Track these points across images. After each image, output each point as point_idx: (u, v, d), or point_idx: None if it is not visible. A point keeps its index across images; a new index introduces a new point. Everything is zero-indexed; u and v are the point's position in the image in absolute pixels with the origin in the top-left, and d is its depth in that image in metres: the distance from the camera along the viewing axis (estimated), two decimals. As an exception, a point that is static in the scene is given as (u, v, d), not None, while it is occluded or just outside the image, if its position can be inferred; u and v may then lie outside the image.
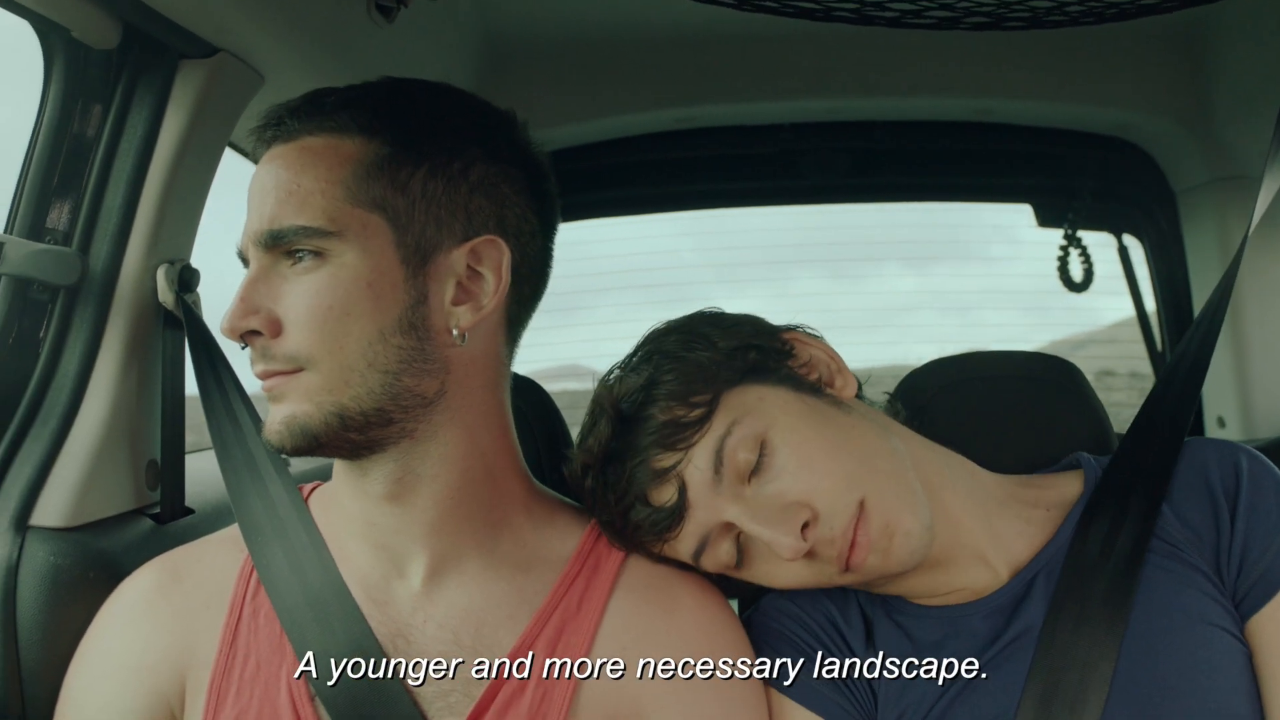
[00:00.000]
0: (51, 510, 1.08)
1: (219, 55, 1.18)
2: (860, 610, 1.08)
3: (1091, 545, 1.02)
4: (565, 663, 0.95)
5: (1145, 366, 2.44)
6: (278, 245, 0.91)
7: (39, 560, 1.04)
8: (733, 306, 1.12)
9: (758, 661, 1.02)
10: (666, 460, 0.98)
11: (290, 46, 1.26)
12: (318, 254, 0.91)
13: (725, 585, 1.08)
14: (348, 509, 1.00)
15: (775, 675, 1.03)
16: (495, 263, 0.95)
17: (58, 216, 1.16)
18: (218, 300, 1.25)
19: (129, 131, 1.17)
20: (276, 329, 0.91)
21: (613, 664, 0.96)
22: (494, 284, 0.95)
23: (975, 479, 1.10)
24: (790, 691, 1.02)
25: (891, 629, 1.06)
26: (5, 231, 1.13)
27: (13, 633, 1.02)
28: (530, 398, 1.34)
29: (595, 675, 0.95)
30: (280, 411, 0.93)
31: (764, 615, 1.08)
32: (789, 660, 1.03)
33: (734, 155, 2.10)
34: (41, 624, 1.03)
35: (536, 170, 1.01)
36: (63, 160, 1.15)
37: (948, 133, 2.07)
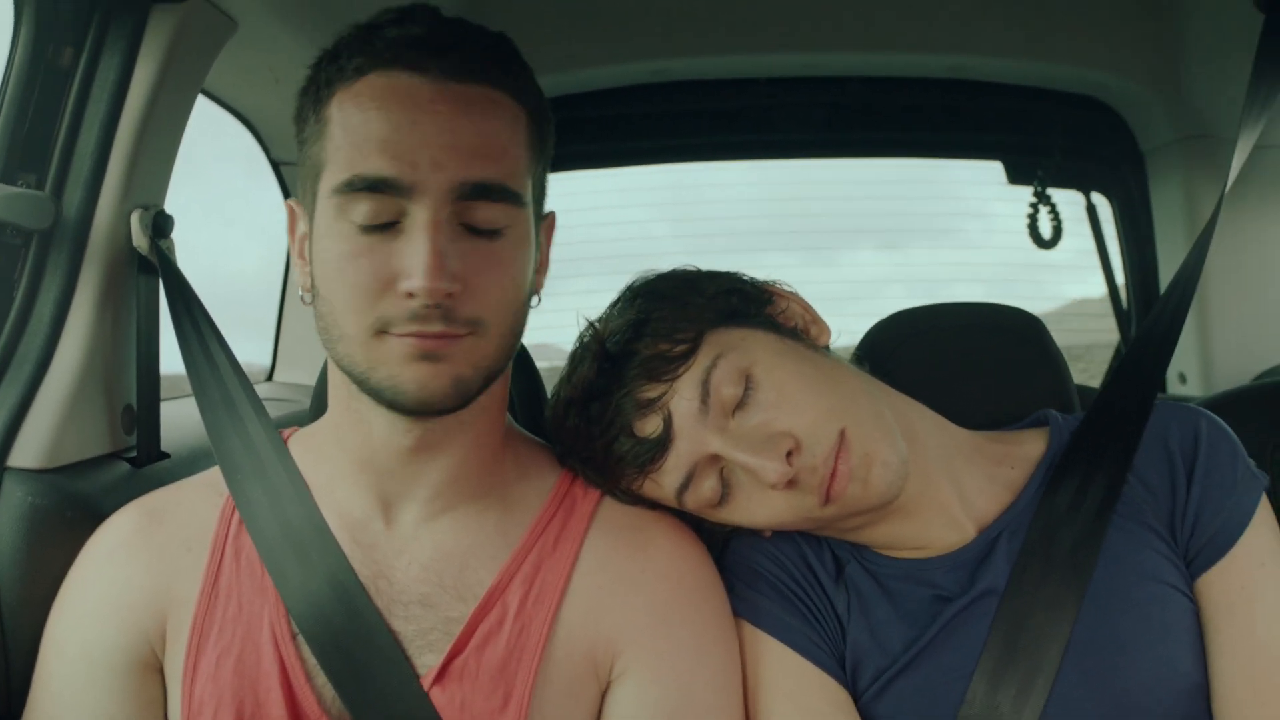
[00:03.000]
0: (28, 452, 1.09)
1: (190, 0, 1.18)
2: (832, 553, 1.11)
3: (1059, 505, 1.05)
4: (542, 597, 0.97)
5: (1107, 340, 2.49)
6: (478, 198, 0.87)
7: (16, 500, 1.05)
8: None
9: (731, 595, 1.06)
10: (652, 391, 1.00)
11: (262, -9, 1.25)
12: (505, 219, 0.90)
13: (696, 531, 1.11)
14: (351, 451, 1.00)
15: (748, 609, 1.06)
16: (550, 228, 1.03)
17: (30, 160, 1.16)
18: (189, 246, 1.26)
19: (101, 76, 1.17)
20: (463, 290, 0.88)
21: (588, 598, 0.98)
22: (548, 248, 1.02)
23: (944, 432, 1.13)
24: (762, 624, 1.05)
25: (860, 572, 1.09)
26: (-23, 175, 1.13)
27: None
28: None
29: (572, 610, 0.98)
30: (444, 372, 0.89)
31: (736, 553, 1.11)
32: (763, 595, 1.06)
33: (708, 109, 2.10)
34: (20, 563, 1.04)
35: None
36: (34, 104, 1.15)
37: (921, 89, 2.09)
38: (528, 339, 1.46)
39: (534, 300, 0.99)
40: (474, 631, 0.95)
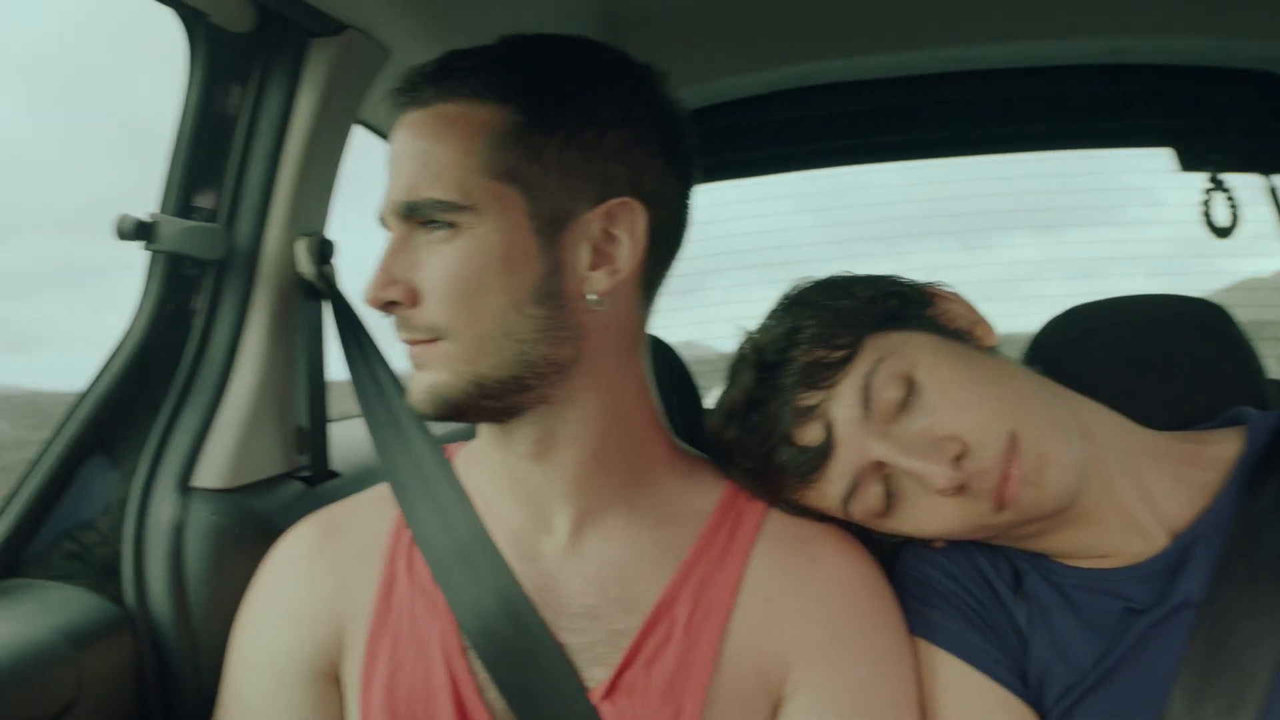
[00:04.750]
0: (210, 473, 1.14)
1: (347, 32, 1.22)
2: (1009, 562, 1.06)
3: (1262, 508, 0.97)
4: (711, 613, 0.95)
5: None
6: (414, 216, 0.92)
7: (202, 519, 1.11)
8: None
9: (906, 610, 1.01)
10: (811, 398, 0.97)
11: (414, 20, 1.28)
12: (452, 225, 0.91)
13: (865, 543, 1.07)
14: (494, 466, 1.02)
15: (923, 625, 1.01)
16: (630, 225, 0.93)
17: (204, 195, 1.22)
18: (357, 270, 1.30)
19: (266, 110, 1.22)
20: (415, 299, 0.92)
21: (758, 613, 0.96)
22: (630, 247, 0.93)
23: (1125, 433, 1.06)
24: (941, 641, 1.00)
25: (1040, 582, 1.03)
26: (159, 211, 1.19)
27: (181, 586, 1.08)
28: (662, 358, 1.35)
29: (741, 624, 0.95)
30: (423, 380, 0.94)
31: (908, 566, 1.06)
32: (937, 609, 1.02)
33: (854, 111, 2.05)
34: (207, 578, 1.09)
35: (674, 129, 0.98)
36: (206, 141, 1.21)
37: (1078, 76, 1.98)
38: (674, 337, 1.45)
39: (591, 298, 0.93)
40: (642, 646, 0.94)
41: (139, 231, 1.13)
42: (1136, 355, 1.22)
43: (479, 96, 0.92)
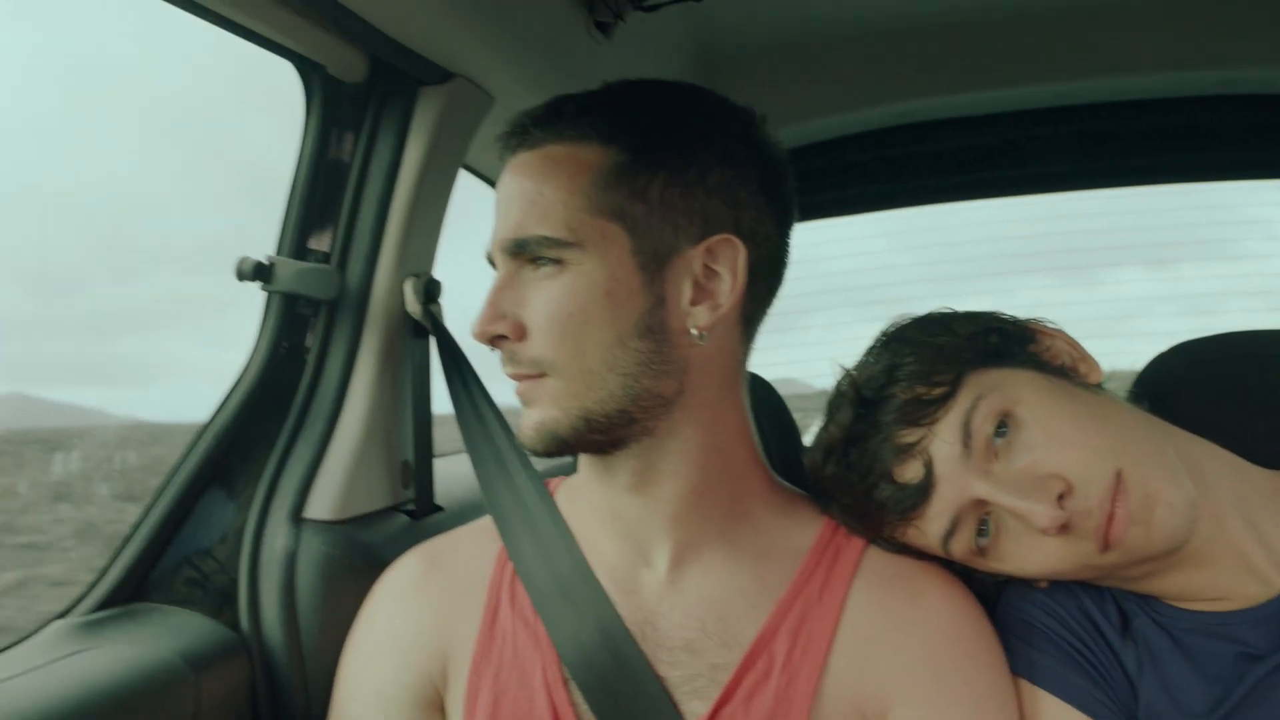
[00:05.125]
0: (321, 504, 1.18)
1: (454, 80, 1.27)
2: (1116, 604, 1.03)
3: None
4: (809, 649, 0.95)
5: None
6: (521, 253, 0.95)
7: (313, 549, 1.14)
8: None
9: (1008, 651, 0.99)
10: (911, 436, 0.96)
11: (518, 67, 1.33)
12: (558, 262, 0.93)
13: (966, 583, 1.05)
14: (594, 500, 1.04)
15: (1026, 665, 0.99)
16: (731, 261, 0.95)
17: (318, 237, 1.27)
18: (458, 309, 1.34)
19: (377, 156, 1.27)
20: (521, 333, 0.95)
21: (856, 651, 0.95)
22: (730, 282, 0.95)
23: (1238, 473, 1.02)
24: (1044, 683, 0.97)
25: (1149, 625, 1.00)
26: (275, 253, 1.25)
27: (293, 614, 1.12)
28: (761, 395, 1.36)
29: (840, 661, 0.95)
30: (531, 417, 0.96)
31: (1011, 606, 1.04)
32: (1040, 650, 0.99)
33: (954, 148, 2.03)
34: (317, 608, 1.12)
35: (773, 169, 1.01)
36: (321, 186, 1.26)
37: (1186, 108, 1.94)
38: (771, 374, 1.45)
39: (693, 333, 0.95)
40: (741, 681, 0.94)
41: (257, 273, 1.19)
42: (1249, 392, 1.18)
43: (585, 138, 0.95)
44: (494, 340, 0.96)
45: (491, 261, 1.00)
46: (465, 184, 1.48)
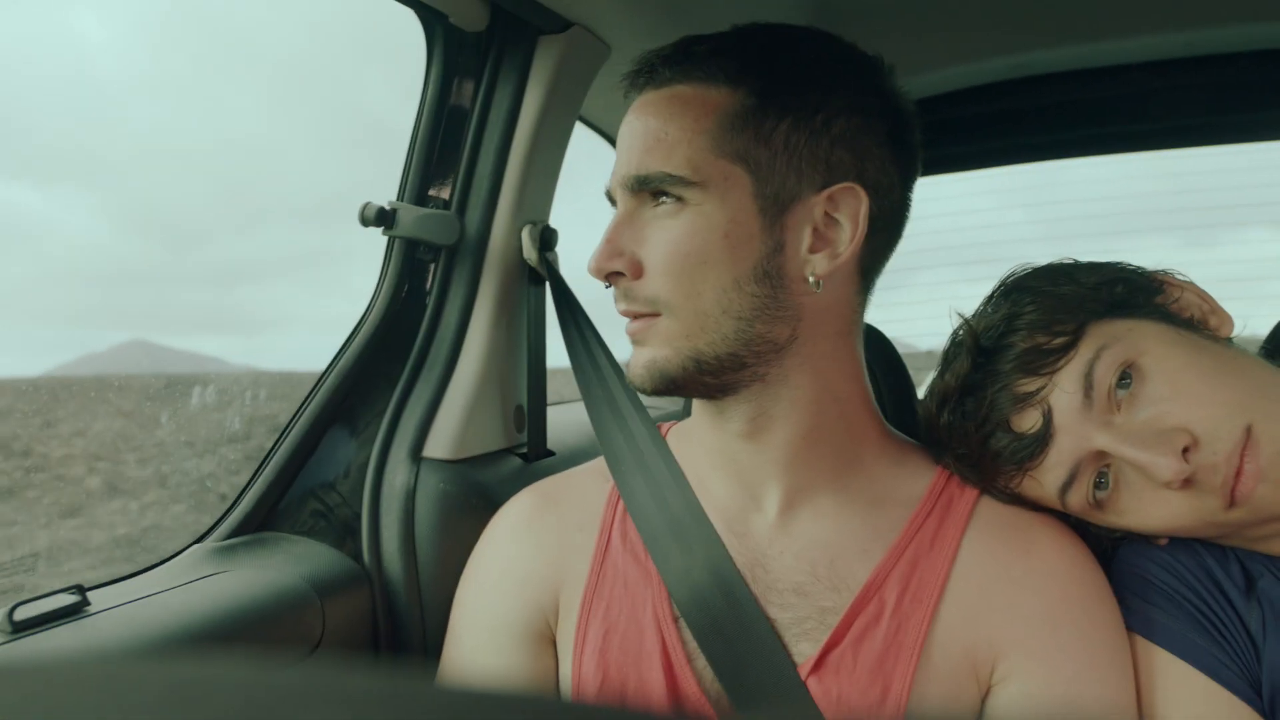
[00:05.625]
0: (439, 444, 1.22)
1: (572, 29, 1.28)
2: (1240, 564, 1.00)
3: None
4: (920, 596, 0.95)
5: None
6: (643, 189, 0.96)
7: (431, 486, 1.18)
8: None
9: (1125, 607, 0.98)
10: (1030, 385, 0.95)
11: (634, 15, 1.33)
12: (680, 200, 0.94)
13: (1081, 537, 1.04)
14: (707, 444, 1.05)
15: (1143, 623, 0.98)
16: (853, 211, 0.95)
17: (439, 185, 1.30)
18: (571, 259, 1.36)
19: (496, 105, 1.29)
20: (638, 271, 0.96)
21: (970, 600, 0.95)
22: (851, 232, 0.95)
23: None
24: (1162, 641, 0.96)
25: (1277, 585, 0.97)
26: (397, 199, 1.28)
27: (412, 546, 1.17)
28: (877, 347, 1.35)
29: (951, 609, 0.95)
30: (642, 355, 0.98)
31: (1128, 562, 1.02)
32: (1159, 607, 0.98)
33: (1070, 102, 1.96)
34: (434, 541, 1.17)
35: (900, 120, 1.00)
36: (442, 134, 1.29)
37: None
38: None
39: (810, 280, 0.94)
40: (851, 624, 0.95)
41: (380, 218, 1.22)
42: None
43: (713, 79, 0.95)
44: (610, 277, 0.98)
45: (611, 200, 1.01)
46: (577, 137, 1.49)
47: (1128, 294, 1.00)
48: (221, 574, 1.04)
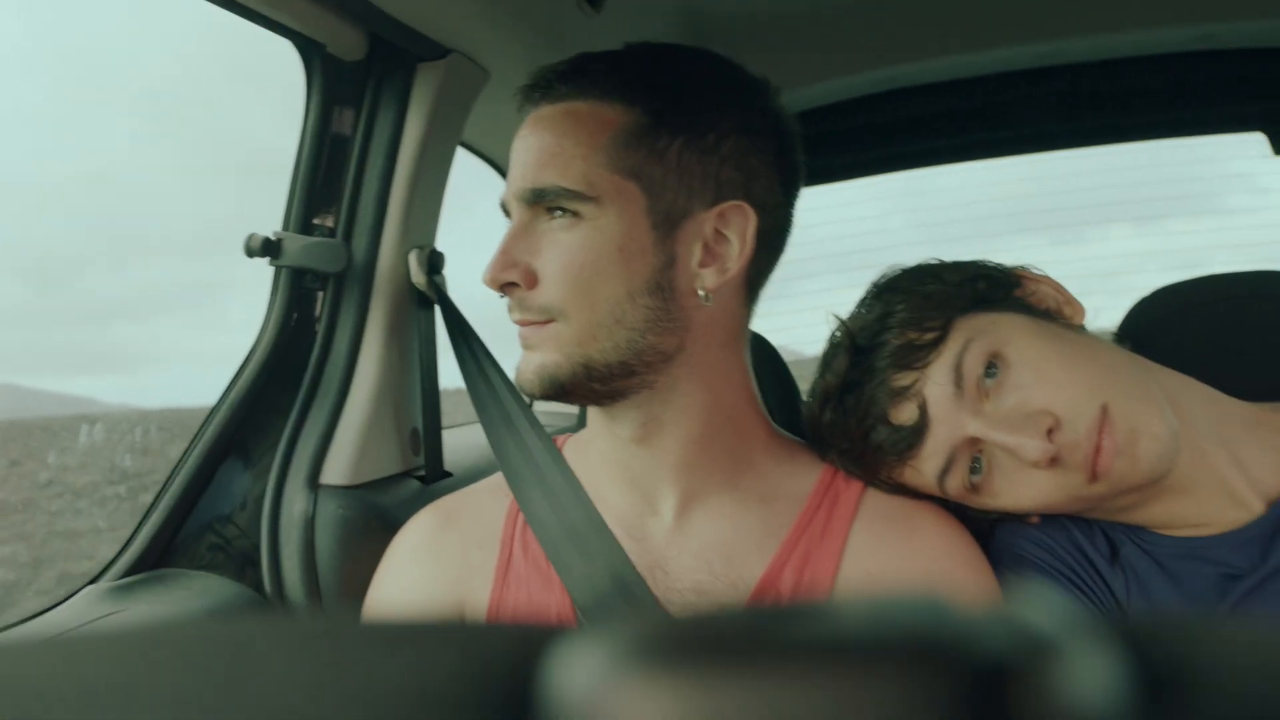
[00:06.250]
0: (336, 470, 1.22)
1: (451, 56, 1.30)
2: (1104, 535, 1.07)
3: None
4: (814, 583, 0.99)
5: None
6: (539, 202, 0.98)
7: (330, 512, 1.19)
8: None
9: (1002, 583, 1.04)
10: (905, 379, 1.01)
11: (513, 41, 1.36)
12: (574, 214, 0.97)
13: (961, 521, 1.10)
14: (602, 453, 1.08)
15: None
16: (741, 228, 0.99)
17: (324, 212, 1.31)
18: (462, 279, 1.37)
19: (378, 132, 1.31)
20: (532, 281, 0.98)
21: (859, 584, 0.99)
22: (739, 248, 0.99)
23: (1216, 404, 1.07)
24: None
25: (1136, 552, 1.05)
26: (282, 229, 1.28)
27: (314, 574, 1.17)
28: (762, 354, 1.40)
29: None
30: (532, 360, 1.00)
31: (1004, 542, 1.09)
32: (1032, 580, 1.04)
33: (940, 112, 2.06)
34: (336, 567, 1.17)
35: (785, 140, 1.04)
36: (325, 162, 1.30)
37: (1165, 65, 1.97)
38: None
39: (700, 294, 0.98)
40: None
41: (265, 248, 1.22)
42: (1227, 332, 1.23)
43: (608, 97, 0.98)
44: (505, 287, 1.00)
45: (506, 211, 1.03)
46: (462, 161, 1.51)
47: (989, 289, 1.07)
48: (118, 613, 1.03)
